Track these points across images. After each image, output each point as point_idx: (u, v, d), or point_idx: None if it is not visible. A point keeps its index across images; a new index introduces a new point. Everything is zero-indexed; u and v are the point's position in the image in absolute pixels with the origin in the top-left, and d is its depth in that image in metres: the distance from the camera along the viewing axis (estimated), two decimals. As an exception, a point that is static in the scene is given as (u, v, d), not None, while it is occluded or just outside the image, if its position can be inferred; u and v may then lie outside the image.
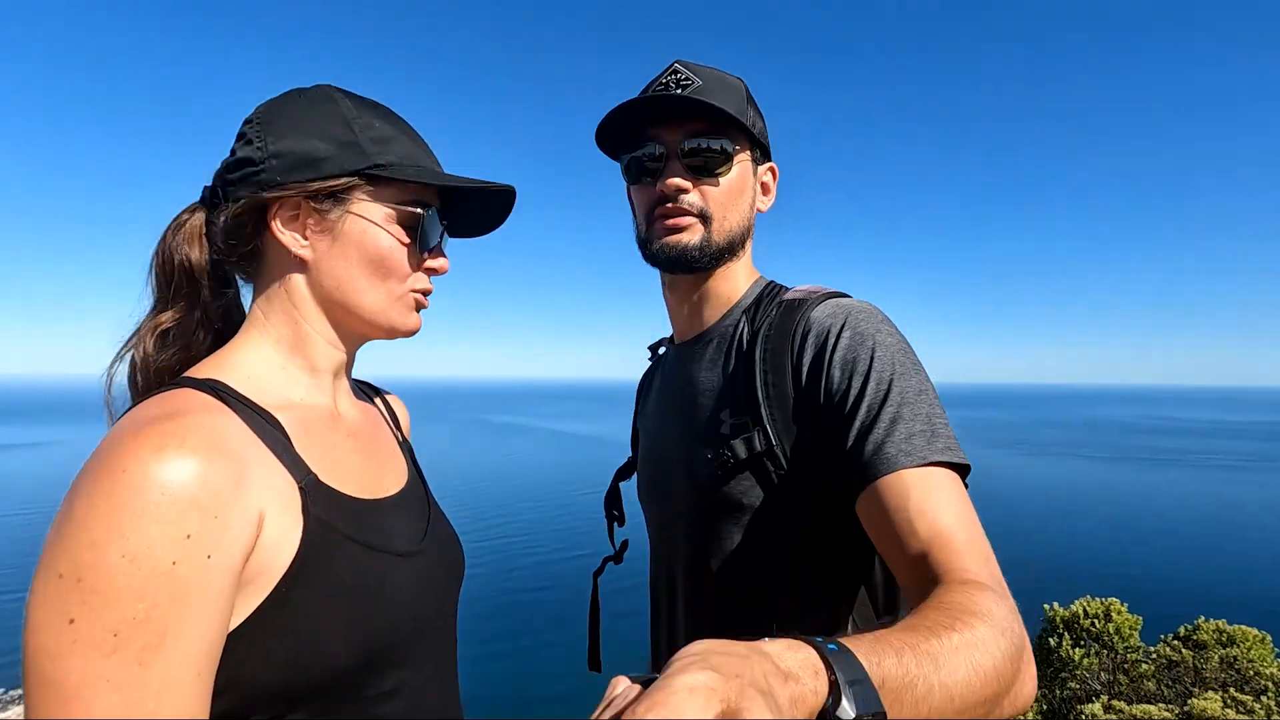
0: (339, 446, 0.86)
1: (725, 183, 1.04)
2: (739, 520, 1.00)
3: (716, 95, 1.01)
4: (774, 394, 0.98)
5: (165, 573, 0.59)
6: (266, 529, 0.69)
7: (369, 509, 0.83)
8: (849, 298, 1.04)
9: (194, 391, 0.74)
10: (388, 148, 0.84)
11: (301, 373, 0.86)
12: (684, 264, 1.05)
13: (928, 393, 0.91)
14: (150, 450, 0.61)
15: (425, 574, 0.87)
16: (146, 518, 0.58)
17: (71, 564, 0.57)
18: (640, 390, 1.39)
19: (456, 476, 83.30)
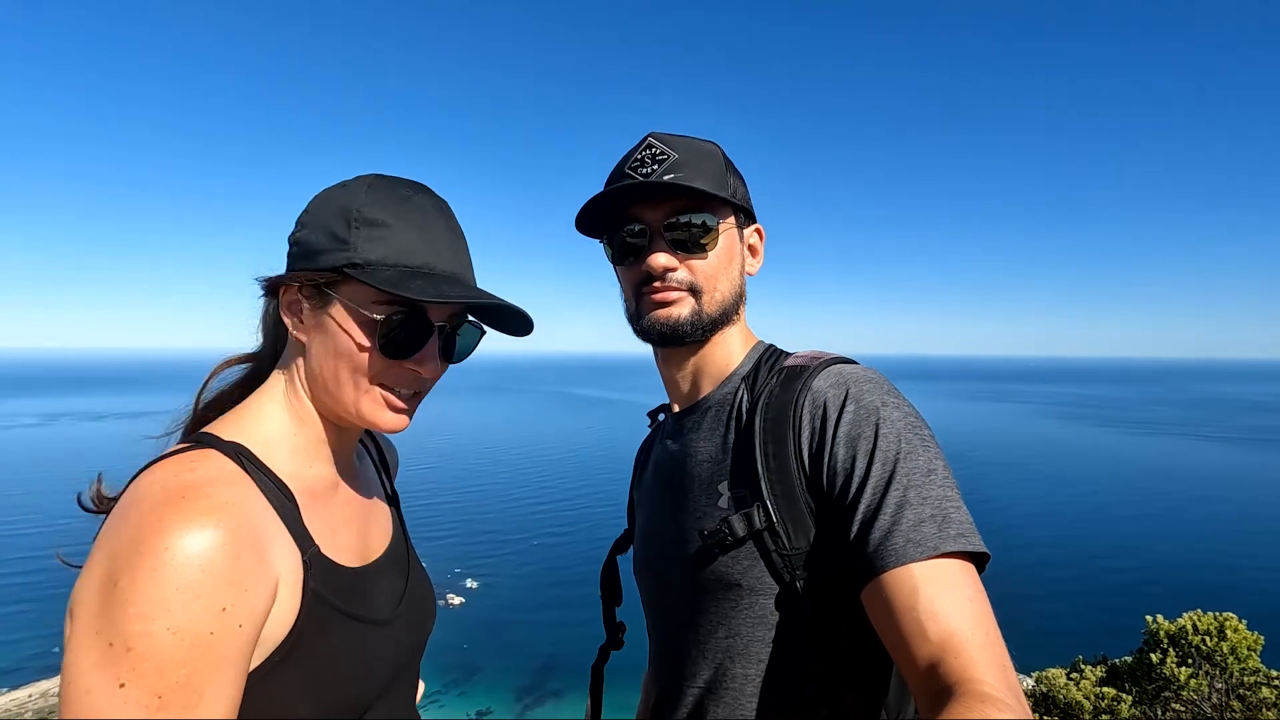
0: (337, 515, 0.91)
1: (713, 255, 1.03)
2: (736, 601, 0.95)
3: (694, 169, 1.00)
4: (775, 467, 0.94)
5: (205, 643, 0.66)
6: (279, 598, 0.76)
7: (357, 577, 0.88)
8: (854, 364, 1.01)
9: (221, 458, 0.80)
10: (376, 245, 0.83)
11: (309, 443, 0.90)
12: (676, 338, 1.04)
13: (937, 472, 0.87)
14: (187, 526, 0.68)
15: (397, 637, 0.92)
16: (189, 594, 0.66)
17: (121, 635, 0.64)
18: (638, 459, 1.33)
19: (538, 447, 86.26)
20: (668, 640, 1.08)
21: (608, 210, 1.06)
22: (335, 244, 0.84)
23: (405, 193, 0.88)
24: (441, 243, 0.88)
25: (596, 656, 1.29)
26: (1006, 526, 49.67)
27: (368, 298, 0.84)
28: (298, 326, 0.88)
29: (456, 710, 29.48)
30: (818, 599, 0.91)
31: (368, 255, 0.83)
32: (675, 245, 1.01)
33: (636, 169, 1.02)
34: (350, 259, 0.83)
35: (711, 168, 1.03)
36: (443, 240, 0.88)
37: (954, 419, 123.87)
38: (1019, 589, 32.74)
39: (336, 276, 0.84)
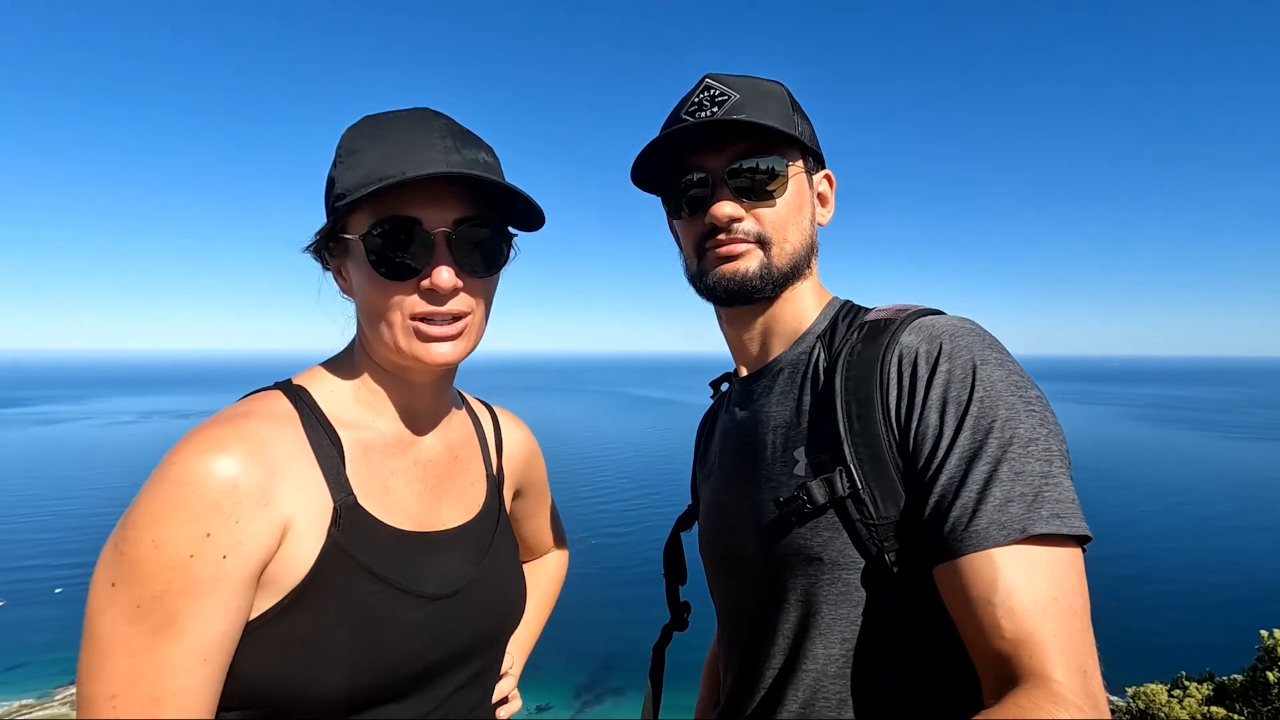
0: (397, 474, 0.87)
1: (782, 202, 0.95)
2: (816, 577, 0.87)
3: (757, 108, 0.92)
4: (860, 429, 0.85)
5: (182, 564, 0.66)
6: (290, 540, 0.74)
7: (405, 542, 0.84)
8: (946, 315, 0.91)
9: (279, 397, 0.83)
10: (350, 173, 0.79)
11: (374, 397, 0.89)
12: (744, 295, 0.96)
13: (1038, 442, 0.77)
14: (196, 451, 0.70)
15: (449, 619, 0.85)
16: (175, 510, 0.67)
17: (121, 537, 0.67)
18: (701, 431, 1.23)
19: (598, 447, 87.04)
20: (739, 619, 1.00)
21: (664, 161, 0.97)
22: (331, 188, 0.82)
23: (386, 116, 0.84)
24: (418, 147, 0.80)
25: (659, 636, 1.21)
26: (1096, 536, 46.95)
27: (361, 227, 0.80)
28: (345, 285, 0.87)
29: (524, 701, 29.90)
30: (911, 575, 0.82)
31: (345, 184, 0.79)
32: (740, 193, 0.93)
33: (694, 113, 0.93)
34: (336, 193, 0.80)
35: (777, 108, 0.95)
36: (419, 145, 0.80)
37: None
38: (1112, 602, 30.93)
39: (336, 220, 0.81)
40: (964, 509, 0.75)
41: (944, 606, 0.79)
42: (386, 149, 0.79)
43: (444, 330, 0.83)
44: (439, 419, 0.96)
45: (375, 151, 0.80)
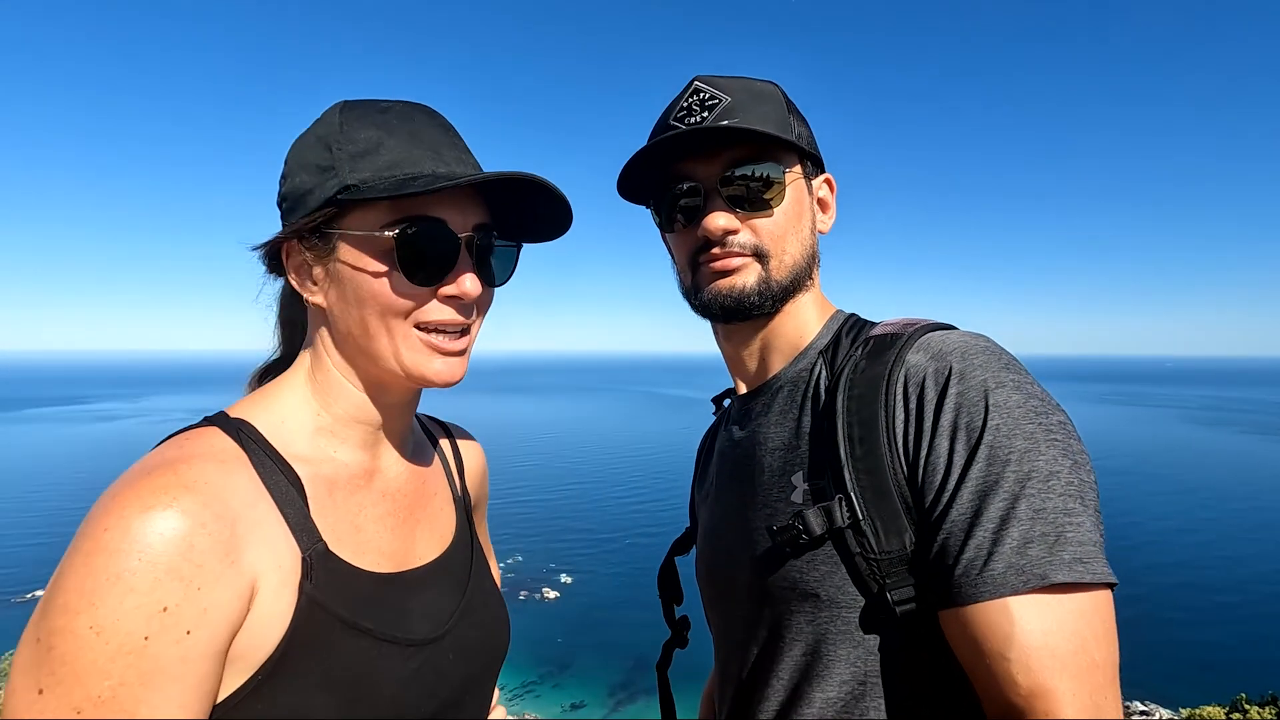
0: (366, 510, 0.78)
1: (779, 211, 0.89)
2: (814, 614, 0.81)
3: (750, 112, 0.87)
4: (863, 454, 0.79)
5: (136, 649, 0.54)
6: (259, 603, 0.63)
7: (385, 585, 0.76)
8: (956, 331, 0.85)
9: (218, 434, 0.71)
10: (367, 161, 0.72)
11: (338, 424, 0.79)
12: (742, 311, 0.91)
13: (1060, 475, 0.71)
14: (138, 507, 0.57)
15: (441, 662, 0.78)
16: (120, 586, 0.54)
17: (47, 629, 0.54)
18: (700, 451, 1.17)
19: (632, 446, 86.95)
20: (734, 653, 0.94)
21: (653, 170, 0.92)
22: (322, 176, 0.73)
23: (384, 105, 0.78)
24: (439, 143, 0.76)
25: (660, 655, 1.16)
26: (1146, 543, 45.47)
27: (375, 222, 0.73)
28: (311, 289, 0.77)
29: (551, 702, 30.18)
30: (916, 615, 0.76)
31: (360, 174, 0.72)
32: (734, 203, 0.88)
33: (683, 119, 0.89)
34: (342, 182, 0.72)
35: (772, 110, 0.89)
36: (439, 141, 0.77)
37: (1078, 424, 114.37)
38: (1163, 613, 29.67)
39: (333, 210, 0.73)
40: (978, 550, 0.70)
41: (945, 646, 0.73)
42: (405, 141, 0.74)
43: (453, 345, 0.77)
44: (404, 442, 0.88)
45: (391, 142, 0.74)
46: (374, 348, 0.75)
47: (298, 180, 0.75)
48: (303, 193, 0.75)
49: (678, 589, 1.17)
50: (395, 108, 0.78)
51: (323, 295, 0.76)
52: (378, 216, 0.73)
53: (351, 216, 0.73)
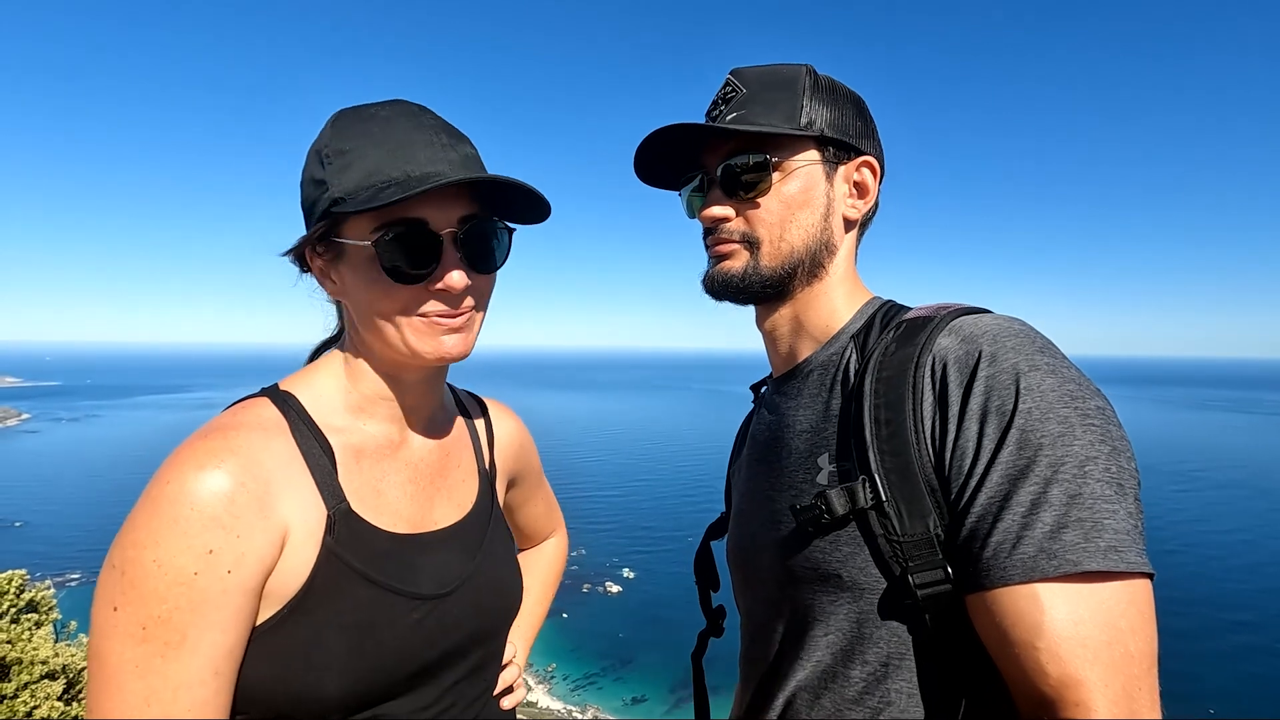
0: (389, 477, 0.87)
1: (770, 201, 0.92)
2: (835, 595, 0.81)
3: (759, 103, 0.91)
4: (889, 435, 0.78)
5: (187, 581, 0.66)
6: (288, 552, 0.75)
7: (399, 544, 0.84)
8: (991, 315, 0.83)
9: (267, 404, 0.82)
10: (346, 175, 0.79)
11: (365, 400, 0.88)
12: (730, 294, 0.95)
13: (1098, 461, 0.68)
14: (191, 467, 0.70)
15: (446, 618, 0.86)
16: (176, 529, 0.67)
17: (120, 558, 0.67)
18: (738, 436, 1.18)
19: (695, 444, 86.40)
20: (757, 638, 0.95)
21: (683, 161, 0.99)
22: (319, 190, 0.80)
23: (369, 113, 0.82)
24: (416, 146, 0.80)
25: (696, 644, 1.17)
26: (1258, 564, 41.81)
27: (364, 229, 0.79)
28: (332, 287, 0.86)
29: (613, 695, 30.50)
30: (939, 601, 0.74)
31: (344, 187, 0.78)
32: (728, 192, 0.92)
33: (710, 112, 0.94)
34: (331, 197, 0.78)
35: (783, 97, 0.91)
36: (417, 143, 0.80)
37: (1173, 431, 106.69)
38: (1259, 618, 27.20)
39: (330, 223, 0.80)
40: (1006, 533, 0.68)
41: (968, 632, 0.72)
42: (382, 148, 0.79)
43: (453, 321, 0.83)
44: (429, 417, 0.96)
45: (371, 151, 0.78)
46: (386, 337, 0.83)
47: (305, 192, 0.83)
48: (309, 204, 0.83)
49: (714, 575, 1.17)
50: (380, 113, 0.82)
51: (343, 293, 0.85)
52: (366, 224, 0.79)
53: (346, 226, 0.80)
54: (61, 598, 3.13)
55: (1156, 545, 16.84)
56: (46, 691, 2.61)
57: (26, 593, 2.88)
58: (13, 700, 2.51)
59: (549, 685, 31.15)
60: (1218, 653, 30.86)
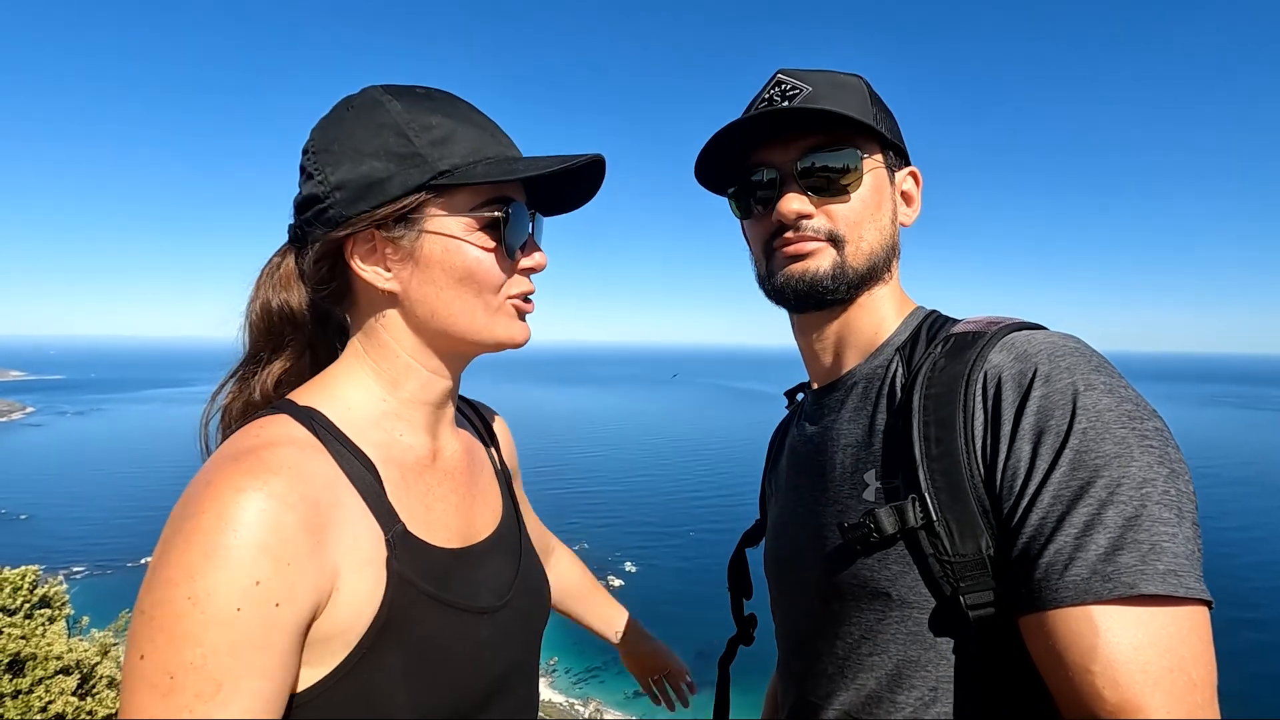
0: (434, 490, 0.83)
1: (857, 198, 0.89)
2: (884, 614, 0.79)
3: (831, 99, 0.88)
4: (939, 454, 0.76)
5: (228, 619, 0.58)
6: (344, 586, 0.67)
7: (457, 560, 0.80)
8: (1044, 331, 0.81)
9: (291, 421, 0.73)
10: (450, 148, 0.75)
11: (404, 407, 0.82)
12: (815, 297, 0.90)
13: (1156, 483, 0.66)
14: (231, 490, 0.61)
15: (507, 628, 0.83)
16: (215, 559, 0.58)
17: (150, 601, 0.58)
18: (772, 444, 1.17)
19: (699, 440, 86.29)
20: (799, 651, 0.93)
21: (731, 158, 0.93)
22: (404, 163, 0.74)
23: (436, 94, 0.80)
24: (496, 128, 0.81)
25: (724, 650, 1.18)
26: (1268, 562, 41.73)
27: (466, 204, 0.76)
28: (384, 276, 0.77)
29: (614, 688, 30.63)
30: (992, 621, 0.73)
31: (451, 160, 0.75)
32: (810, 188, 0.88)
33: (763, 109, 0.89)
34: (436, 168, 0.74)
35: (854, 99, 0.89)
36: (491, 125, 0.81)
37: (1182, 427, 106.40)
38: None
39: (425, 196, 0.75)
40: (1059, 554, 0.66)
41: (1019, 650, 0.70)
42: (472, 125, 0.78)
43: (531, 305, 0.84)
44: (453, 422, 0.92)
45: (464, 128, 0.77)
46: (464, 322, 0.78)
47: (365, 168, 0.74)
48: (377, 180, 0.74)
49: (748, 583, 1.16)
50: (438, 94, 0.80)
51: (399, 281, 0.78)
52: (465, 200, 0.76)
53: (441, 202, 0.76)
54: (75, 593, 3.15)
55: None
56: (61, 686, 2.63)
57: (40, 589, 2.90)
58: (28, 695, 2.53)
59: (551, 679, 31.30)
60: (1226, 651, 30.80)
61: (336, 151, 0.76)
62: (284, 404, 0.77)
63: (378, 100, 0.77)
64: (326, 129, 0.77)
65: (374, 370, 0.81)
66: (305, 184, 0.77)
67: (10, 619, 2.71)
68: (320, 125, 0.78)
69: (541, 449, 77.04)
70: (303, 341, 0.84)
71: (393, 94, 0.77)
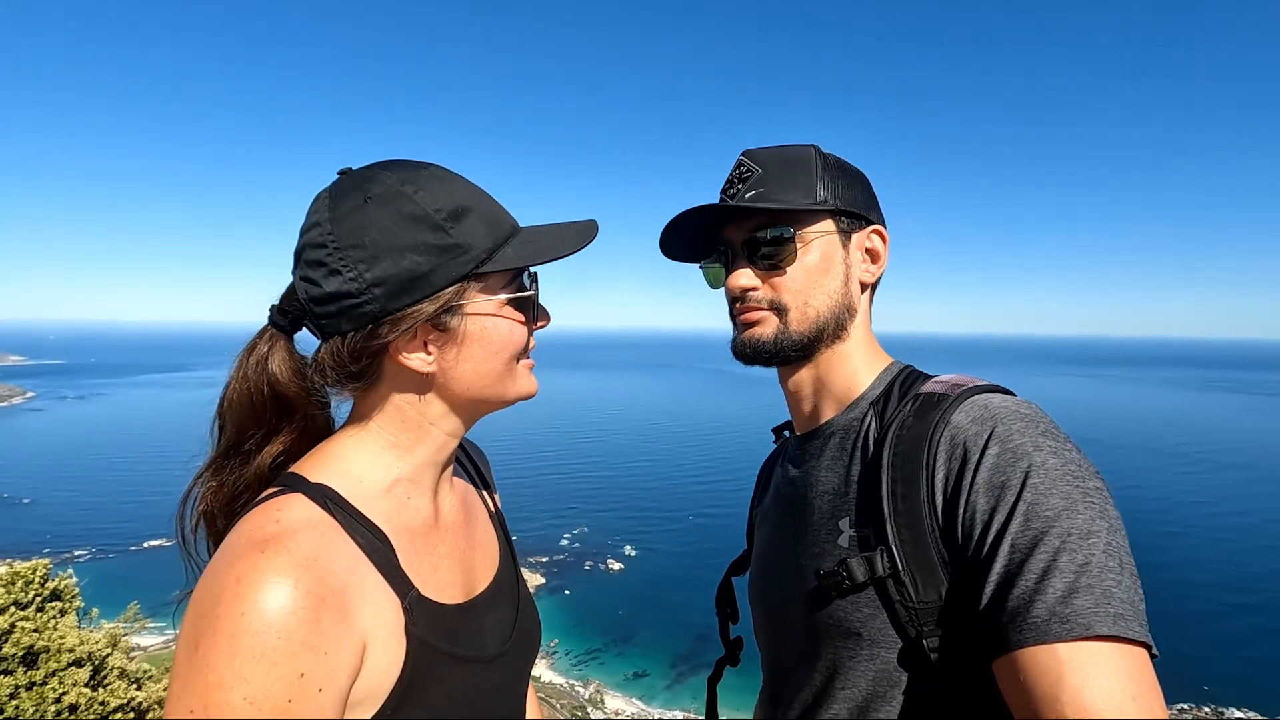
0: (439, 549, 0.87)
1: (797, 269, 0.98)
2: (855, 652, 0.87)
3: (778, 181, 0.98)
4: (904, 509, 0.84)
5: (282, 709, 0.63)
6: (371, 654, 0.72)
7: (464, 615, 0.85)
8: (1005, 395, 0.89)
9: (308, 502, 0.75)
10: (476, 233, 0.79)
11: (415, 471, 0.85)
12: (760, 358, 1.01)
13: (1099, 535, 0.73)
14: (267, 586, 0.65)
15: (511, 670, 0.89)
16: (265, 661, 0.63)
17: (200, 703, 0.62)
18: (760, 477, 1.25)
19: (700, 425, 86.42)
20: (783, 681, 1.01)
21: (701, 237, 1.05)
22: (443, 255, 0.77)
23: (438, 171, 0.82)
24: (490, 197, 0.85)
25: (713, 669, 1.24)
26: (1262, 547, 42.01)
27: (499, 284, 0.82)
28: (426, 362, 0.80)
29: (614, 669, 31.05)
30: (949, 661, 0.80)
31: (484, 246, 0.79)
32: (754, 263, 0.99)
33: (727, 190, 1.01)
34: (476, 258, 0.78)
35: (800, 176, 0.98)
36: (488, 195, 0.85)
37: (1178, 413, 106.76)
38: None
39: (466, 284, 0.79)
40: (1021, 600, 0.71)
41: (991, 698, 0.75)
42: (484, 199, 0.83)
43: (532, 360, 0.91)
44: (451, 477, 0.96)
45: (480, 208, 0.82)
46: (493, 389, 0.85)
47: (406, 263, 0.75)
48: (420, 275, 0.76)
49: (734, 609, 1.23)
50: (440, 171, 0.82)
51: (438, 363, 0.81)
52: (498, 280, 0.82)
53: (477, 286, 0.80)
54: (84, 585, 3.18)
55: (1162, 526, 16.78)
56: (74, 678, 2.67)
57: (50, 582, 2.93)
58: (42, 687, 2.57)
59: (551, 660, 31.70)
60: (1222, 636, 31.17)
61: (370, 246, 0.75)
62: (295, 480, 0.77)
63: (398, 190, 0.77)
64: (349, 222, 0.75)
65: (390, 442, 0.83)
66: (329, 279, 0.75)
67: (23, 613, 2.74)
68: (336, 217, 0.76)
69: (542, 434, 77.25)
70: (299, 426, 0.83)
71: (407, 180, 0.78)
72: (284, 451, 0.83)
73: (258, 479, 0.82)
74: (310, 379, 0.81)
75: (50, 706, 2.56)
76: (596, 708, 28.03)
